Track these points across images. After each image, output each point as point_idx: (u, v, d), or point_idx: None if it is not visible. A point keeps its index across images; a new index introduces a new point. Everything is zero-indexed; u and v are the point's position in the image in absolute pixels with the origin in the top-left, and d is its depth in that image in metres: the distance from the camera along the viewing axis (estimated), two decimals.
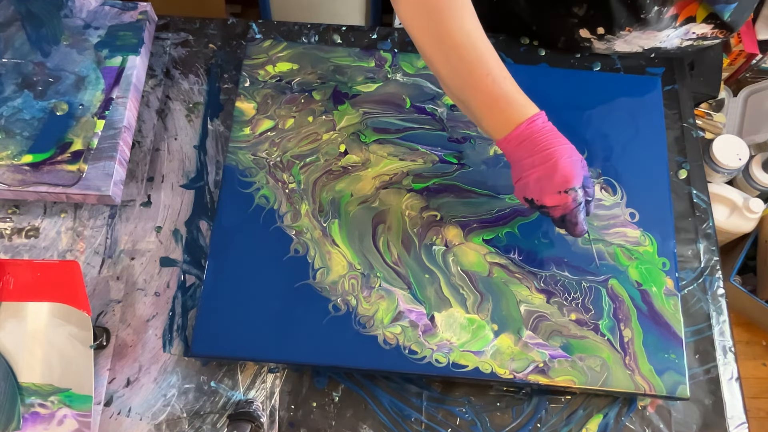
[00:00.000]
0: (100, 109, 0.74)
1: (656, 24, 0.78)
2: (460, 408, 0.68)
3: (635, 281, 0.70)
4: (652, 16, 0.76)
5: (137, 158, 0.78)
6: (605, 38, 0.81)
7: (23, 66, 0.77)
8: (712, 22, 0.79)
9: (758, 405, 1.49)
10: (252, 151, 0.75)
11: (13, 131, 0.73)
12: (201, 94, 0.82)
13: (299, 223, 0.72)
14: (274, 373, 0.69)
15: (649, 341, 0.67)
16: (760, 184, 1.48)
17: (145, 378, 0.68)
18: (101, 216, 0.75)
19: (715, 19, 0.78)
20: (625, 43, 0.82)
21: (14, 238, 0.73)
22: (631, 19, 0.77)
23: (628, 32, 0.79)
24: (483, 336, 0.67)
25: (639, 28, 0.78)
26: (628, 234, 0.73)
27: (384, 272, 0.69)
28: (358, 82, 0.80)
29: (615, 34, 0.80)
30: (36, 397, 0.63)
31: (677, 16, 0.77)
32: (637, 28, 0.78)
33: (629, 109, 0.80)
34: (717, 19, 0.78)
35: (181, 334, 0.70)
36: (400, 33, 0.87)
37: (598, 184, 0.75)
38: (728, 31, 0.81)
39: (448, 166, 0.75)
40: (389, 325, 0.67)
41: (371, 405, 0.68)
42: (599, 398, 0.69)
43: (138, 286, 0.72)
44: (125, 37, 0.79)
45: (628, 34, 0.80)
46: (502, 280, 0.69)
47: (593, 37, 0.82)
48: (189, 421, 0.66)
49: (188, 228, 0.75)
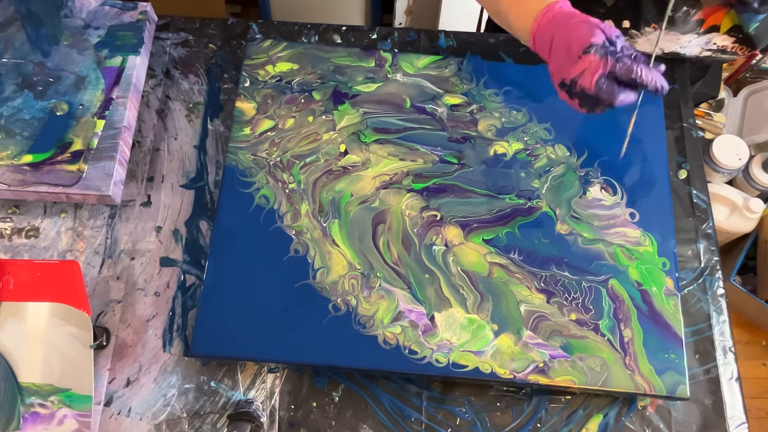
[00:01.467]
0: (100, 109, 0.74)
1: (681, 25, 0.77)
2: (460, 408, 0.68)
3: (635, 281, 0.70)
4: (680, 15, 0.75)
5: (137, 158, 0.78)
6: (629, 33, 0.80)
7: (23, 66, 0.77)
8: (735, 35, 0.78)
9: (758, 405, 1.49)
10: (252, 151, 0.75)
11: (13, 131, 0.73)
12: (201, 94, 0.82)
13: (299, 223, 0.72)
14: (274, 373, 0.69)
15: (649, 341, 0.67)
16: (760, 184, 1.48)
17: (145, 378, 0.68)
18: (101, 216, 0.75)
19: (739, 32, 0.77)
20: (647, 43, 0.81)
21: (14, 238, 0.73)
22: (658, 16, 0.76)
23: (653, 29, 0.78)
24: (483, 336, 0.67)
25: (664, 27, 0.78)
26: (629, 234, 0.73)
27: (384, 272, 0.69)
28: (358, 82, 0.80)
29: (639, 30, 0.78)
30: (36, 397, 0.63)
31: (703, 21, 0.77)
32: (662, 27, 0.78)
33: (629, 109, 0.80)
34: (740, 33, 0.78)
35: (181, 334, 0.70)
36: (400, 33, 0.87)
37: (598, 184, 0.75)
38: (749, 48, 0.80)
39: (448, 166, 0.75)
40: (389, 325, 0.67)
41: (371, 405, 0.68)
42: (599, 398, 0.69)
43: (138, 286, 0.72)
44: (125, 37, 0.79)
45: (652, 32, 0.79)
46: (502, 280, 0.69)
47: None
48: (189, 421, 0.66)
49: (188, 228, 0.75)
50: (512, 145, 0.77)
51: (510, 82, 0.81)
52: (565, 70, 0.57)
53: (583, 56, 0.56)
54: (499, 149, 0.77)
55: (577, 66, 0.56)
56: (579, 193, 0.75)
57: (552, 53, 0.58)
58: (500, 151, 0.77)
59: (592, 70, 0.56)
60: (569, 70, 0.56)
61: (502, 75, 0.81)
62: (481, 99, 0.79)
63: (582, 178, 0.76)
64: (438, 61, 0.82)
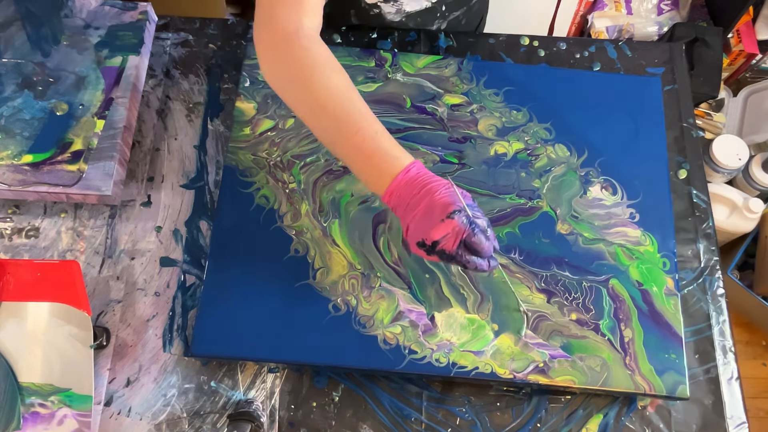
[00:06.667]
0: (100, 109, 0.74)
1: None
2: (460, 408, 0.68)
3: (636, 281, 0.70)
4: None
5: (137, 158, 0.78)
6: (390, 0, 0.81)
7: (23, 66, 0.77)
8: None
9: (758, 405, 1.49)
10: (252, 151, 0.75)
11: (13, 131, 0.73)
12: (201, 94, 0.82)
13: (299, 223, 0.72)
14: (274, 373, 0.69)
15: (649, 341, 0.67)
16: (760, 184, 1.48)
17: (145, 378, 0.68)
18: (101, 216, 0.75)
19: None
20: (413, 0, 0.81)
21: (14, 238, 0.73)
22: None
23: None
24: (483, 336, 0.67)
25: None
26: (629, 234, 0.73)
27: (384, 272, 0.69)
28: (358, 82, 0.80)
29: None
30: (36, 397, 0.63)
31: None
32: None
33: (629, 109, 0.80)
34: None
35: (181, 334, 0.70)
36: (400, 33, 0.87)
37: (598, 184, 0.75)
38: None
39: (449, 165, 0.75)
40: (389, 325, 0.67)
41: (371, 405, 0.68)
42: (599, 398, 0.69)
43: (138, 286, 0.72)
44: (125, 37, 0.79)
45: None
46: (503, 279, 0.69)
47: (379, 0, 0.81)
48: (189, 421, 0.66)
49: (188, 228, 0.75)
50: (513, 145, 0.77)
51: (510, 82, 0.81)
52: (424, 231, 0.57)
53: (447, 220, 0.56)
54: (500, 149, 0.77)
55: (439, 229, 0.56)
56: (579, 192, 0.75)
57: (409, 213, 0.58)
58: (501, 151, 0.77)
59: (454, 235, 0.56)
60: (431, 233, 0.56)
61: (502, 75, 0.81)
62: (482, 99, 0.79)
63: (582, 177, 0.76)
64: (438, 61, 0.81)
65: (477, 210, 0.58)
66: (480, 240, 0.56)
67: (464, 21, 0.92)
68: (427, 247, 0.57)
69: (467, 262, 0.57)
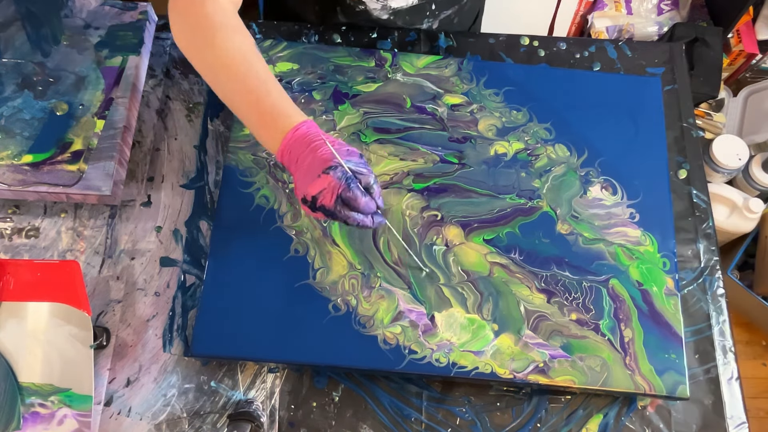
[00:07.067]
0: (100, 109, 0.74)
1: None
2: (460, 408, 0.68)
3: (636, 281, 0.70)
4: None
5: (137, 158, 0.78)
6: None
7: (23, 66, 0.76)
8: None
9: (758, 405, 1.49)
10: (252, 151, 0.75)
11: (13, 131, 0.73)
12: (201, 94, 0.82)
13: (299, 223, 0.72)
14: (274, 373, 0.69)
15: (649, 341, 0.67)
16: (760, 184, 1.48)
17: (145, 378, 0.68)
18: (101, 216, 0.75)
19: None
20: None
21: (14, 238, 0.73)
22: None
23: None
24: (483, 336, 0.67)
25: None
26: (629, 233, 0.73)
27: (384, 272, 0.69)
28: (358, 82, 0.80)
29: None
30: (36, 397, 0.63)
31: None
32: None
33: (629, 109, 0.80)
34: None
35: (181, 334, 0.70)
36: (400, 33, 0.87)
37: (598, 184, 0.75)
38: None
39: (449, 165, 0.75)
40: (389, 325, 0.67)
41: (371, 405, 0.68)
42: (599, 398, 0.69)
43: (138, 286, 0.72)
44: (125, 37, 0.79)
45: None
46: (503, 279, 0.69)
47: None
48: (189, 421, 0.66)
49: (188, 228, 0.75)
50: (513, 145, 0.77)
51: (510, 82, 0.81)
52: (305, 187, 0.59)
53: (323, 175, 0.57)
54: (500, 149, 0.77)
55: (315, 184, 0.58)
56: (579, 192, 0.75)
57: (296, 169, 0.60)
58: (501, 151, 0.77)
59: (330, 190, 0.57)
60: (308, 188, 0.58)
61: (502, 75, 0.81)
62: (482, 99, 0.79)
63: (582, 177, 0.76)
64: (438, 61, 0.81)
65: (363, 167, 0.59)
66: (356, 195, 0.57)
67: (456, 20, 0.92)
68: (309, 203, 0.59)
69: (347, 217, 0.59)
